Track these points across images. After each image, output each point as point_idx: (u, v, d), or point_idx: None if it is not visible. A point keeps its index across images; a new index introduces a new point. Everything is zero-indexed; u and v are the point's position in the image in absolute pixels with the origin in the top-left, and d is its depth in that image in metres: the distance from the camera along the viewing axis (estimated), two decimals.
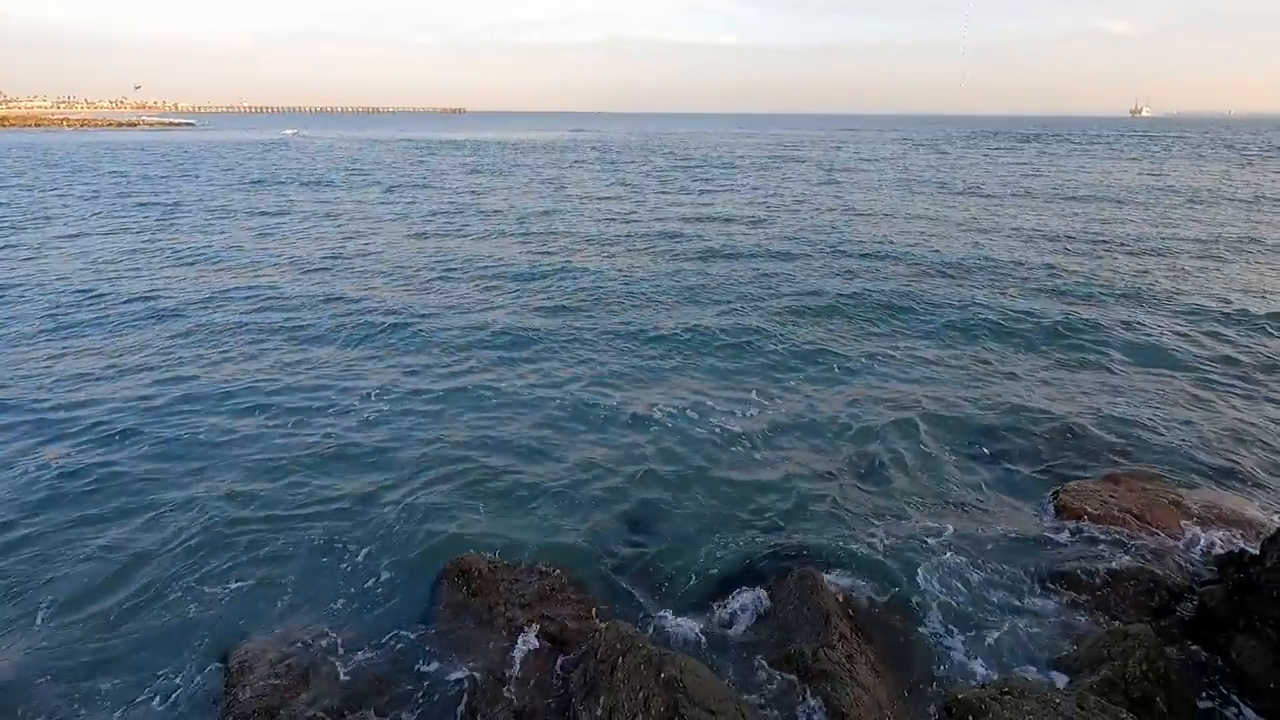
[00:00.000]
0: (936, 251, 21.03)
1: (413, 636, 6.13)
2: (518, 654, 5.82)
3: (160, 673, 5.78)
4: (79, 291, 16.50)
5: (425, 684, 5.62)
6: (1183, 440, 9.73)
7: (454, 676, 5.66)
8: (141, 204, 30.93)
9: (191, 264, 19.70)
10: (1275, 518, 7.63)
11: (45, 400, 10.62)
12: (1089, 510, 7.62)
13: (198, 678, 5.72)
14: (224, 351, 12.81)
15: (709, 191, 37.17)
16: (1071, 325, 14.37)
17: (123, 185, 37.98)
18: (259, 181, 40.49)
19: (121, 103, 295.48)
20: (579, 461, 9.11)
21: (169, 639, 6.12)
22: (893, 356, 12.80)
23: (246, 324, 14.35)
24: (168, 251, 21.13)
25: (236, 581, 6.83)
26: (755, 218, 27.80)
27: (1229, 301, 16.06)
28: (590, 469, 8.94)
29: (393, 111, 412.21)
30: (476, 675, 5.63)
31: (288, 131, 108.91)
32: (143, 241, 22.68)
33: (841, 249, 21.60)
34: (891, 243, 22.39)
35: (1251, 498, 8.32)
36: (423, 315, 15.04)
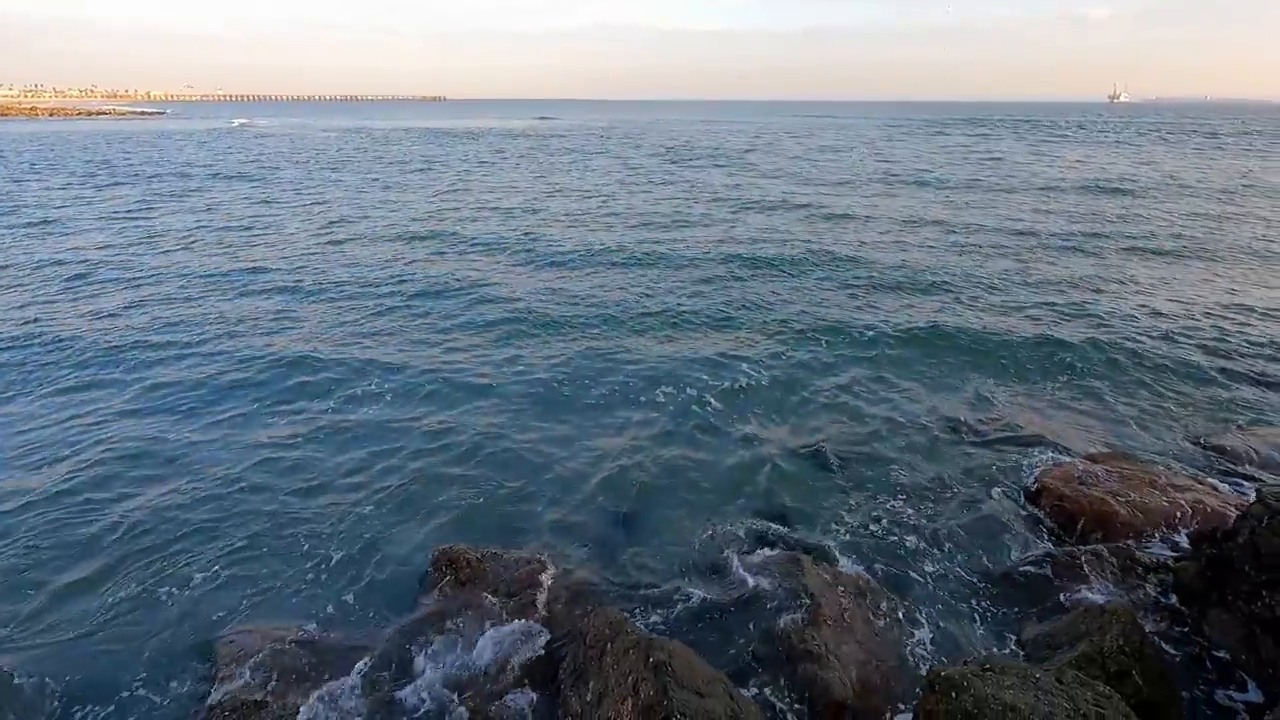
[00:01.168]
0: (911, 248, 20.90)
1: (401, 626, 6.13)
2: (506, 642, 5.84)
3: (149, 666, 5.74)
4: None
5: (413, 673, 5.62)
6: (1159, 423, 9.94)
7: (443, 665, 5.66)
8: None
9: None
10: (1247, 495, 7.81)
11: (19, 397, 10.44)
12: (1068, 490, 7.75)
13: (187, 670, 5.69)
14: (216, 343, 12.64)
15: (677, 183, 37.05)
16: (1047, 317, 14.58)
17: None
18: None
19: (91, 91, 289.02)
20: (564, 452, 9.12)
21: (157, 633, 6.08)
22: (873, 349, 12.85)
23: (235, 316, 14.17)
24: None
25: (224, 575, 6.79)
26: (727, 218, 27.75)
27: (1206, 292, 16.34)
28: (575, 459, 8.96)
29: (371, 99, 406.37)
30: (465, 663, 5.65)
31: (236, 121, 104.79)
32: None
33: (814, 246, 21.17)
34: (865, 241, 22.07)
35: (1225, 477, 8.51)
36: (398, 314, 14.89)
